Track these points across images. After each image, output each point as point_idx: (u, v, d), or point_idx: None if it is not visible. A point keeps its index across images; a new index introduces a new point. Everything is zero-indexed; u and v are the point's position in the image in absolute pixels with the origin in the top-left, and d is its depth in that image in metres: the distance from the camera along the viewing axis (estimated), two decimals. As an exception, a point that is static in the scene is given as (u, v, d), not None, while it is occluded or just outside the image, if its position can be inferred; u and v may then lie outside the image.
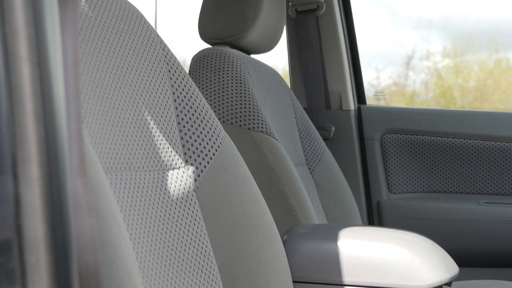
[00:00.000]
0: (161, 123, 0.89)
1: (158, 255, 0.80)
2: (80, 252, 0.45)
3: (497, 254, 2.21)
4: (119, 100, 0.82)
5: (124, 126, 0.81)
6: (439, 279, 1.12)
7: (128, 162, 0.80)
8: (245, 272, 0.95)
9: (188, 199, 0.90)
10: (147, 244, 0.78)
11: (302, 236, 1.20)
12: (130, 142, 0.82)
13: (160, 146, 0.88)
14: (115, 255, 0.54)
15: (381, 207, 2.30)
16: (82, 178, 0.47)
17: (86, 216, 0.46)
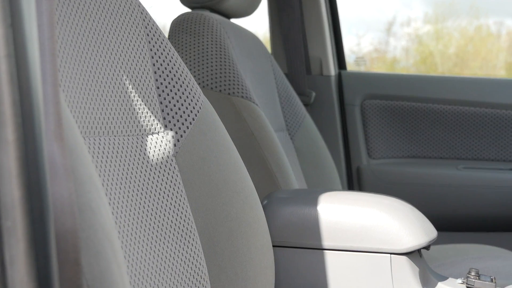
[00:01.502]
0: (139, 87, 0.89)
1: (137, 220, 0.79)
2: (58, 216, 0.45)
3: (475, 218, 2.24)
4: (97, 64, 0.81)
5: (102, 90, 0.81)
6: (418, 243, 1.13)
7: (107, 126, 0.80)
8: (225, 237, 0.95)
9: (167, 164, 0.89)
10: (126, 209, 0.78)
11: (282, 200, 1.20)
12: (108, 106, 0.81)
13: (139, 111, 0.87)
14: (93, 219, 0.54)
15: (361, 173, 2.31)
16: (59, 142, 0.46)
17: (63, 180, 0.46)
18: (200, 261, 0.90)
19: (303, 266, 1.16)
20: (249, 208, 1.02)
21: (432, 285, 1.19)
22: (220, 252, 0.94)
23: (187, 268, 0.87)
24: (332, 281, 1.15)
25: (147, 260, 0.79)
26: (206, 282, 0.90)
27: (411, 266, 1.14)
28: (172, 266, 0.84)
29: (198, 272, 0.89)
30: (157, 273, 0.80)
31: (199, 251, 0.90)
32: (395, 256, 1.13)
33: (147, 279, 0.77)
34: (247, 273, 0.98)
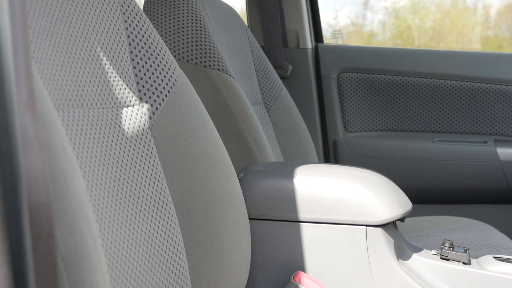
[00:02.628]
0: (114, 59, 0.88)
1: (113, 193, 0.79)
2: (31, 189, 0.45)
3: (450, 190, 2.26)
4: (70, 36, 0.80)
5: (76, 62, 0.80)
6: (393, 215, 1.14)
7: (81, 99, 0.79)
8: (201, 210, 0.95)
9: (143, 137, 0.89)
10: (101, 182, 0.77)
11: (258, 173, 1.21)
12: (82, 78, 0.80)
13: (114, 83, 0.87)
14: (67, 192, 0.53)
15: (337, 146, 2.32)
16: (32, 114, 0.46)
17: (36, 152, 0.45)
18: (176, 234, 0.90)
19: (279, 239, 1.17)
20: (225, 181, 1.02)
21: (407, 257, 1.20)
22: (196, 225, 0.94)
23: (163, 241, 0.87)
24: (308, 253, 1.16)
25: (122, 233, 0.78)
26: (182, 254, 0.90)
27: (386, 238, 1.15)
28: (148, 239, 0.84)
29: (174, 245, 0.89)
30: (132, 245, 0.80)
31: (175, 224, 0.90)
32: (371, 228, 1.14)
33: (122, 252, 0.77)
34: (223, 245, 0.98)
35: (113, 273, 0.74)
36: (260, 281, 1.17)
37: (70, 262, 0.51)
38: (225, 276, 0.99)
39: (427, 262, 1.19)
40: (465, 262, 1.19)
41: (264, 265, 1.17)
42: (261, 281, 1.17)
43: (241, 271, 1.05)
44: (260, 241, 1.17)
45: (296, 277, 1.14)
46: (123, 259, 0.77)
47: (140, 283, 0.79)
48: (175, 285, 0.87)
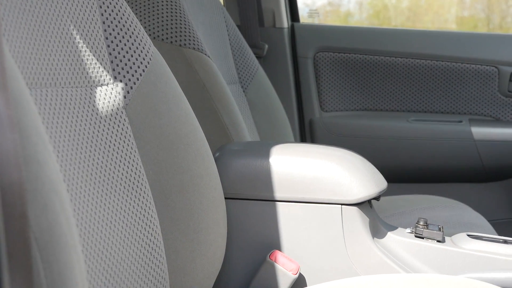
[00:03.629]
0: (87, 38, 0.87)
1: (87, 173, 0.78)
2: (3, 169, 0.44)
3: (425, 169, 2.28)
4: (43, 14, 0.79)
5: (48, 41, 0.78)
6: (368, 194, 1.15)
7: (54, 77, 0.78)
8: (177, 189, 0.95)
9: (117, 116, 0.88)
10: (75, 162, 0.77)
11: (234, 153, 1.20)
12: (55, 57, 0.79)
13: (87, 62, 0.86)
14: (40, 171, 0.53)
15: (313, 125, 2.33)
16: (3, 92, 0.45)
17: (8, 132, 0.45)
18: (152, 214, 0.89)
19: (255, 218, 1.17)
20: (201, 161, 1.02)
21: (382, 235, 1.21)
22: (171, 205, 0.94)
23: (138, 221, 0.86)
24: (283, 232, 1.16)
25: (97, 213, 0.78)
26: (158, 234, 0.90)
27: (362, 217, 1.15)
28: (123, 219, 0.83)
29: (150, 225, 0.89)
30: (107, 225, 0.79)
31: (151, 203, 0.90)
32: (346, 207, 1.15)
33: (97, 232, 0.77)
34: (199, 225, 0.98)
35: (88, 253, 0.74)
36: (236, 260, 1.18)
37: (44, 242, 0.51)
38: (201, 255, 0.99)
39: (402, 240, 1.20)
40: (439, 240, 1.20)
41: (240, 244, 1.17)
42: (237, 260, 1.18)
43: (217, 250, 1.05)
44: (236, 220, 1.17)
45: (272, 256, 1.14)
46: (98, 239, 0.77)
47: (115, 262, 0.79)
48: (151, 265, 0.87)
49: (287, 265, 1.13)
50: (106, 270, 0.77)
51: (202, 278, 1.00)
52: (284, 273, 1.13)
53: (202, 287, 1.01)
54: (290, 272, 1.13)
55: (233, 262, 1.18)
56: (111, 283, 0.77)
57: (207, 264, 1.01)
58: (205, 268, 1.00)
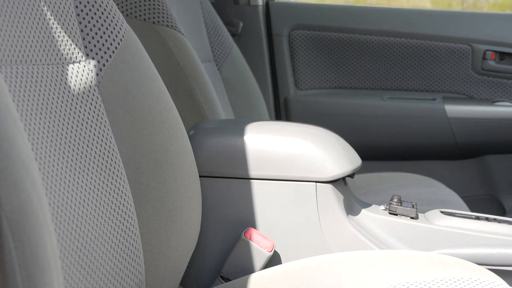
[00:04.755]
0: (58, 14, 0.85)
1: (59, 151, 0.78)
2: (-28, 146, 0.44)
3: (399, 147, 2.30)
4: (12, -11, 0.77)
5: (18, 17, 0.77)
6: (342, 171, 1.15)
7: (24, 55, 0.77)
8: (151, 168, 0.94)
9: (90, 94, 0.87)
10: (47, 140, 0.76)
11: (209, 131, 1.20)
12: (26, 34, 0.78)
13: (59, 39, 0.84)
14: (11, 149, 0.52)
15: (288, 103, 2.33)
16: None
17: (-24, 109, 0.44)
18: (126, 192, 0.89)
19: (230, 196, 1.17)
20: (175, 139, 1.02)
21: (356, 212, 1.21)
22: (146, 183, 0.93)
23: (111, 199, 0.86)
24: (258, 209, 1.16)
25: (70, 191, 0.77)
26: (131, 213, 0.90)
27: (336, 194, 1.16)
28: (97, 197, 0.83)
29: (124, 203, 0.88)
30: (81, 204, 0.79)
31: (124, 182, 0.89)
32: (320, 184, 1.15)
33: (70, 211, 0.76)
34: (173, 203, 0.98)
35: (61, 232, 0.73)
36: (211, 238, 1.18)
37: (15, 221, 0.50)
38: (176, 233, 0.99)
39: (376, 217, 1.21)
40: (413, 216, 1.21)
41: (215, 222, 1.17)
42: (212, 238, 1.18)
43: (192, 228, 1.05)
44: (210, 199, 1.17)
45: (246, 233, 1.14)
46: (71, 217, 0.76)
47: (88, 241, 0.79)
48: (125, 243, 0.87)
49: (262, 242, 1.14)
50: (79, 249, 0.76)
51: (177, 256, 0.99)
52: (259, 251, 1.13)
53: (177, 265, 1.01)
54: (265, 250, 1.13)
55: (208, 240, 1.18)
56: (84, 262, 0.77)
57: (182, 242, 1.01)
58: (180, 246, 1.00)
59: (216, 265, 1.18)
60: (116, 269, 0.84)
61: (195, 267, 1.18)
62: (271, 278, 1.01)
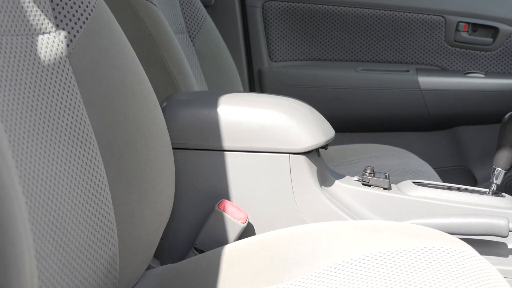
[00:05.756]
0: (27, -16, 0.84)
1: (29, 123, 0.77)
2: None
3: (373, 119, 2.31)
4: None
5: (-15, -14, 0.76)
6: (315, 142, 1.16)
7: (-8, 25, 0.75)
8: (123, 140, 0.94)
9: (60, 66, 0.86)
10: (17, 112, 0.75)
11: (182, 102, 1.19)
12: (-7, 3, 0.76)
13: (28, 9, 0.83)
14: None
15: (262, 75, 2.32)
16: None
17: None
18: (98, 164, 0.88)
19: (204, 168, 1.17)
20: (148, 110, 1.01)
21: (330, 183, 1.22)
22: (118, 155, 0.93)
23: (84, 172, 0.85)
24: (232, 181, 1.16)
25: (41, 164, 0.77)
26: (104, 185, 0.89)
27: (309, 165, 1.16)
28: (68, 169, 0.82)
29: (96, 175, 0.88)
30: (52, 176, 0.78)
31: (97, 154, 0.89)
32: (294, 156, 1.15)
33: (41, 183, 0.75)
34: (146, 175, 0.97)
35: (32, 205, 0.73)
36: (185, 210, 1.18)
37: None
38: (149, 205, 0.98)
39: (349, 188, 1.22)
40: (386, 187, 1.22)
41: (189, 194, 1.17)
42: (185, 210, 1.18)
43: (166, 200, 1.05)
44: (184, 171, 1.17)
45: (220, 205, 1.14)
46: (42, 190, 0.75)
47: (61, 214, 0.78)
48: (98, 216, 0.87)
49: (235, 214, 1.14)
50: (51, 222, 0.76)
51: (150, 228, 0.99)
52: (233, 222, 1.13)
53: (151, 237, 1.01)
54: (238, 221, 1.13)
55: (181, 212, 1.18)
56: (56, 234, 0.76)
57: (155, 214, 1.01)
58: (153, 218, 1.00)
59: (190, 237, 1.18)
60: (89, 241, 0.84)
61: (169, 239, 1.18)
62: (245, 249, 1.02)
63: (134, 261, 0.97)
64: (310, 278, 0.88)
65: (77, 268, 0.81)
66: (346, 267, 0.88)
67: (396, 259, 0.87)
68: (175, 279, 1.00)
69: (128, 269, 0.95)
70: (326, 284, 0.85)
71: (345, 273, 0.86)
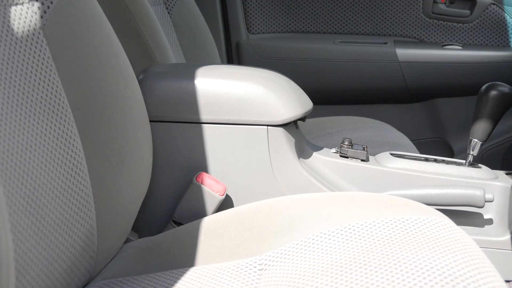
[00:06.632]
0: (-2, -47, 0.82)
1: (3, 96, 0.76)
2: None
3: (351, 91, 2.31)
4: None
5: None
6: (293, 114, 1.15)
7: (-37, -5, 0.74)
8: (99, 112, 0.93)
9: (34, 37, 0.85)
10: (-10, 85, 0.74)
11: (159, 75, 1.18)
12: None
13: (0, -20, 0.81)
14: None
15: (240, 48, 2.31)
16: None
17: None
18: (74, 137, 0.87)
19: (181, 140, 1.16)
20: (124, 83, 1.00)
21: (308, 155, 1.22)
22: (94, 128, 0.92)
23: (59, 145, 0.84)
24: (210, 154, 1.16)
25: (16, 137, 0.76)
26: (81, 158, 0.88)
27: (287, 137, 1.16)
28: (44, 143, 0.81)
29: (72, 149, 0.87)
30: (27, 149, 0.77)
31: (73, 127, 0.88)
32: (272, 128, 1.15)
33: (16, 157, 0.75)
34: (123, 148, 0.97)
35: (7, 178, 0.72)
36: (163, 183, 1.17)
37: None
38: (126, 179, 0.98)
39: (327, 160, 1.22)
40: (363, 159, 1.23)
41: (167, 167, 1.17)
42: (163, 183, 1.17)
43: (143, 173, 1.04)
44: (161, 143, 1.16)
45: (198, 178, 1.14)
46: (17, 163, 0.75)
47: (36, 187, 0.77)
48: (75, 189, 0.86)
49: (213, 186, 1.14)
50: (27, 195, 0.75)
51: (128, 202, 0.99)
52: (211, 195, 1.13)
53: (128, 210, 1.00)
54: (216, 194, 1.13)
55: (159, 185, 1.17)
56: (33, 208, 0.76)
57: (133, 188, 1.00)
58: (131, 192, 0.99)
59: (168, 209, 1.18)
60: (65, 214, 0.83)
61: (147, 212, 1.18)
62: (223, 221, 1.02)
63: (112, 234, 0.96)
64: (289, 249, 0.88)
65: (54, 242, 0.80)
66: (324, 238, 0.88)
67: (373, 230, 0.87)
68: (153, 251, 1.00)
69: (106, 242, 0.94)
70: (304, 255, 0.85)
71: (323, 244, 0.86)
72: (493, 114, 1.25)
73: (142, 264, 0.96)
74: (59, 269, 0.82)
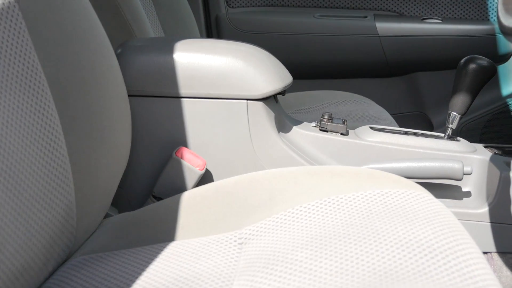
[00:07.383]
0: None
1: (-22, 70, 0.75)
2: None
3: (331, 65, 2.31)
4: None
5: None
6: (273, 88, 1.15)
7: None
8: (77, 87, 0.92)
9: (9, 11, 0.83)
10: (-35, 59, 0.73)
11: (137, 49, 1.17)
12: None
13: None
14: None
15: (219, 22, 2.29)
16: None
17: None
18: (51, 112, 0.86)
19: (161, 115, 1.16)
20: (102, 57, 0.99)
21: (287, 129, 1.22)
22: (72, 103, 0.91)
23: (37, 120, 0.83)
24: (189, 128, 1.16)
25: (-8, 112, 0.75)
26: (58, 133, 0.87)
27: (267, 111, 1.16)
28: (21, 117, 0.80)
29: (50, 123, 0.86)
30: (4, 125, 0.76)
31: (50, 102, 0.87)
32: (251, 102, 1.15)
33: (-7, 132, 0.74)
34: (101, 123, 0.96)
35: (-16, 154, 0.71)
36: (142, 158, 1.17)
37: None
38: (105, 153, 0.97)
39: (307, 134, 1.22)
40: (343, 133, 1.23)
41: (146, 141, 1.16)
42: (143, 157, 1.17)
43: (122, 148, 1.04)
44: (141, 118, 1.15)
45: (178, 152, 1.14)
46: (-7, 138, 0.74)
47: (14, 162, 0.77)
48: (53, 164, 0.85)
49: (193, 161, 1.13)
50: (4, 171, 0.75)
51: (107, 177, 0.98)
52: (191, 169, 1.13)
53: (107, 185, 1.00)
54: (196, 168, 1.13)
55: (139, 160, 1.17)
56: (10, 183, 0.75)
57: (112, 163, 1.00)
58: (110, 167, 0.99)
59: (147, 184, 1.18)
60: (44, 190, 0.83)
61: (127, 187, 1.18)
62: (203, 195, 1.01)
63: (92, 210, 0.96)
64: (269, 223, 0.89)
65: (32, 217, 0.80)
66: (303, 211, 0.88)
67: (352, 203, 0.88)
68: (133, 226, 0.99)
69: (86, 217, 0.94)
70: (284, 229, 0.85)
71: (303, 217, 0.87)
72: (472, 88, 1.25)
73: (122, 239, 0.96)
74: (38, 245, 0.81)
